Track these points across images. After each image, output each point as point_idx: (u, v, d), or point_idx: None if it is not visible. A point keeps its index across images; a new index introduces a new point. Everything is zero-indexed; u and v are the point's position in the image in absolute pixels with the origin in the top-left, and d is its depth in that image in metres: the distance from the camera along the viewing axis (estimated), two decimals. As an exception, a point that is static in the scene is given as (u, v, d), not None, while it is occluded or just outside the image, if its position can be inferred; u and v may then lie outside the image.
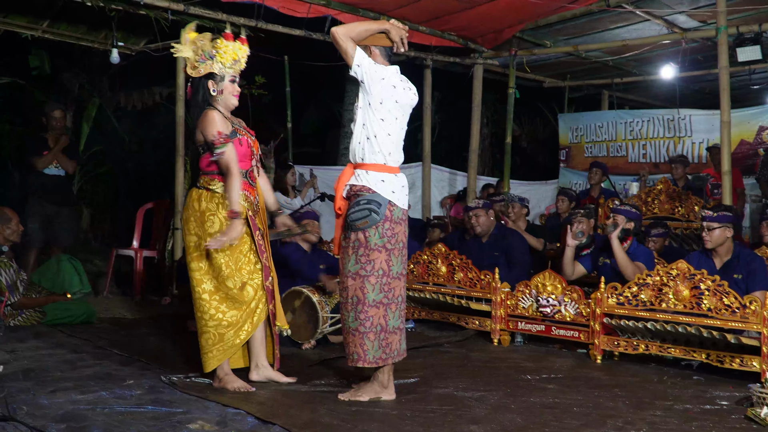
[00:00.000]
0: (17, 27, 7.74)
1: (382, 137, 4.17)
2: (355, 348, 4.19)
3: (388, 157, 4.20)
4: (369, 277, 4.14)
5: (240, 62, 4.47)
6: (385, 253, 4.16)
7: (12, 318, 6.06)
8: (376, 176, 4.16)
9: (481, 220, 6.84)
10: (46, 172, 7.40)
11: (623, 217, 5.94)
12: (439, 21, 8.17)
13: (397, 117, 4.23)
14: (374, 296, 4.15)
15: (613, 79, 11.03)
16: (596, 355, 5.42)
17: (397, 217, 4.19)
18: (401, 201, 4.22)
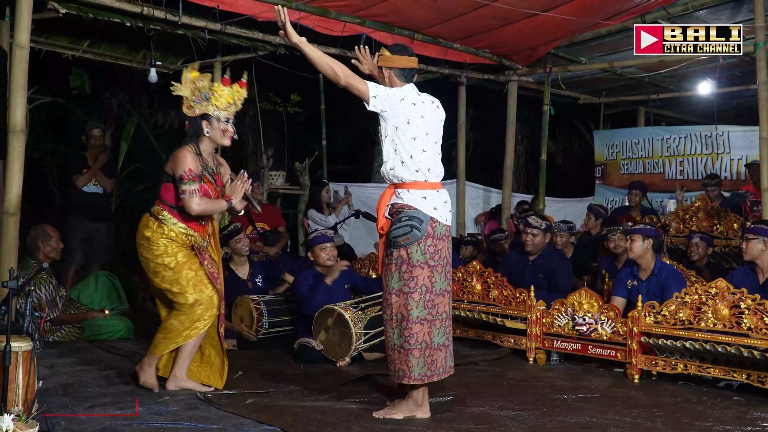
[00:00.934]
0: (59, 47, 7.90)
1: (417, 155, 4.18)
2: (401, 365, 4.19)
3: (428, 173, 4.21)
4: (412, 294, 4.15)
5: (236, 105, 4.66)
6: (427, 270, 4.16)
7: (51, 334, 6.15)
8: (417, 193, 4.18)
9: (537, 240, 6.71)
10: (85, 190, 7.52)
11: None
12: (473, 39, 8.18)
13: (428, 132, 4.24)
14: (418, 313, 4.15)
15: (649, 95, 10.93)
16: (634, 375, 5.35)
17: (439, 233, 4.19)
18: (444, 217, 4.23)
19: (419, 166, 4.18)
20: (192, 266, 4.62)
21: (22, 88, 5.61)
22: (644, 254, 5.92)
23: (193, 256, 4.66)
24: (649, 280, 5.92)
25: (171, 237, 4.59)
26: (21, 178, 5.63)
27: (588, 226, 8.47)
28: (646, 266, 5.95)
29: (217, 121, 4.61)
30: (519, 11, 7.05)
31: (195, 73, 4.64)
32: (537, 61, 9.03)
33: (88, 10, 6.22)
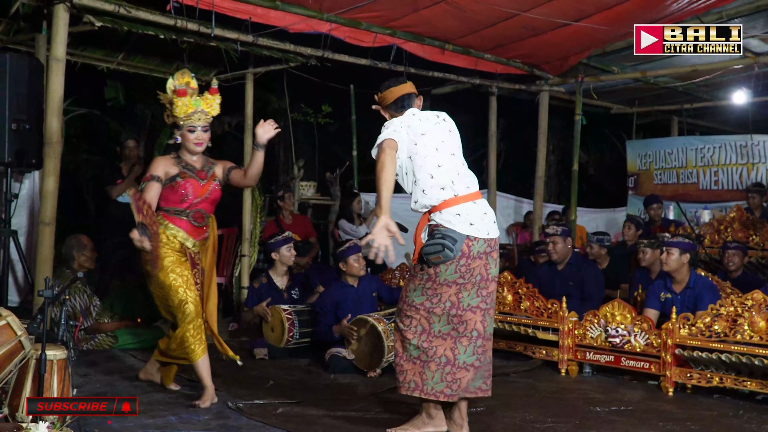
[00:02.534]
0: (94, 60, 8.02)
1: (436, 173, 4.00)
2: (414, 376, 4.02)
3: (454, 186, 4.00)
4: (434, 309, 3.99)
5: (199, 114, 4.68)
6: (455, 288, 3.96)
7: (85, 342, 6.21)
8: (449, 212, 3.96)
9: (558, 247, 6.72)
10: (119, 201, 7.60)
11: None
12: (504, 49, 8.17)
13: (437, 147, 4.05)
14: (440, 327, 3.99)
15: (682, 104, 10.83)
16: (668, 388, 5.28)
17: (476, 252, 3.95)
18: (484, 231, 3.98)
19: (442, 183, 3.99)
20: (177, 270, 4.62)
21: (58, 100, 5.71)
22: (680, 268, 5.85)
23: (183, 262, 4.67)
24: (683, 293, 5.85)
25: (163, 241, 4.61)
26: (56, 189, 5.73)
27: (627, 237, 8.38)
28: (680, 279, 5.88)
29: (180, 128, 4.70)
30: (550, 21, 7.03)
31: (184, 80, 4.77)
32: (568, 70, 8.99)
33: (123, 23, 6.31)
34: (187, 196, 4.66)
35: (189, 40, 6.75)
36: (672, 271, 5.86)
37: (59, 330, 4.09)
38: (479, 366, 4.05)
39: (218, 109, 4.77)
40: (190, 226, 4.71)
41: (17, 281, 6.91)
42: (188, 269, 4.68)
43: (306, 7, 6.65)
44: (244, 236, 8.16)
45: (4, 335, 3.67)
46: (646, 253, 6.77)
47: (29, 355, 3.77)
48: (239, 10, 6.44)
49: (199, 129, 4.68)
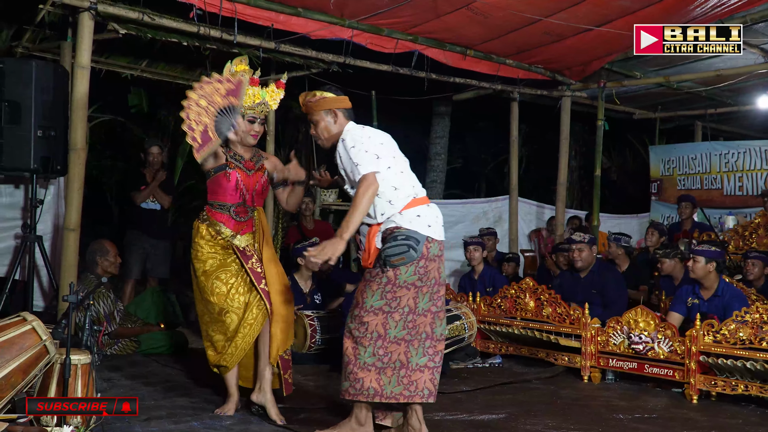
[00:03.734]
0: (118, 67, 8.11)
1: (398, 181, 4.04)
2: (371, 383, 3.95)
3: (413, 189, 4.07)
4: (393, 314, 3.95)
5: (264, 105, 4.57)
6: (413, 290, 3.96)
7: (109, 347, 6.26)
8: (411, 213, 3.99)
9: (584, 254, 6.66)
10: (143, 207, 7.66)
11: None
12: (526, 54, 8.15)
13: (394, 155, 4.12)
14: (396, 332, 3.96)
15: (706, 109, 10.75)
16: (692, 395, 5.23)
17: (432, 254, 3.99)
18: (438, 233, 4.04)
19: (404, 189, 4.03)
20: (222, 276, 4.47)
21: (82, 107, 5.77)
22: (706, 275, 5.80)
23: (230, 263, 4.51)
24: (711, 300, 5.79)
25: (206, 238, 4.51)
26: (81, 195, 5.79)
27: (650, 243, 8.32)
28: (709, 286, 5.82)
29: (242, 117, 4.54)
30: (572, 26, 7.01)
31: (241, 66, 4.62)
32: (591, 76, 8.95)
33: (147, 31, 6.37)
34: (234, 187, 4.51)
35: (212, 46, 6.81)
36: (698, 278, 5.82)
37: (83, 335, 4.13)
38: (434, 366, 4.02)
39: (277, 104, 4.68)
40: (233, 221, 4.52)
41: (42, 286, 6.97)
42: (234, 271, 4.49)
43: (328, 14, 6.68)
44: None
45: (30, 340, 3.71)
46: (663, 262, 6.74)
47: (54, 359, 3.81)
48: (261, 17, 6.49)
49: (258, 121, 4.57)
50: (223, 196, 4.52)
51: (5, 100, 5.93)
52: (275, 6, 6.44)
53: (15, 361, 3.61)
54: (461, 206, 10.56)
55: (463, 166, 14.67)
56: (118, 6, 5.95)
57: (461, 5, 6.58)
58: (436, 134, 11.76)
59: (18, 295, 6.47)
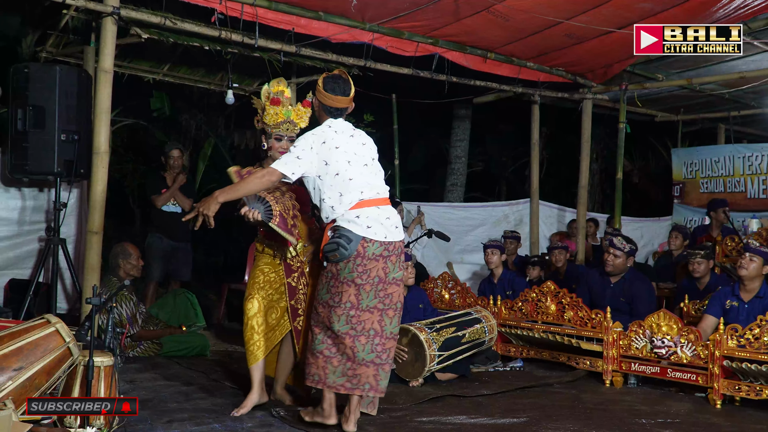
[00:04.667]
0: (140, 71, 8.17)
1: (344, 187, 4.22)
2: (317, 370, 4.26)
3: (362, 194, 4.23)
4: (336, 309, 4.20)
5: (287, 124, 4.72)
6: (354, 288, 4.18)
7: (131, 349, 6.30)
8: (351, 214, 4.20)
9: (618, 261, 6.48)
10: (164, 210, 7.70)
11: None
12: (547, 57, 8.12)
13: (349, 160, 4.26)
14: (339, 327, 4.19)
15: (729, 112, 10.65)
16: (716, 400, 5.18)
17: (372, 254, 4.18)
18: (380, 234, 4.20)
19: (351, 194, 4.21)
20: (265, 269, 4.74)
21: (106, 111, 5.81)
22: (757, 276, 5.68)
23: (277, 265, 4.74)
24: (752, 302, 5.65)
25: (258, 249, 4.81)
26: (104, 198, 5.83)
27: (674, 246, 8.25)
28: (752, 288, 5.70)
29: (269, 137, 4.74)
30: (594, 29, 6.97)
31: (278, 87, 4.77)
32: (612, 78, 8.90)
33: (169, 35, 6.41)
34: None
35: (233, 50, 6.84)
36: (748, 278, 5.69)
37: (106, 337, 4.16)
38: (380, 363, 4.24)
39: (307, 122, 4.80)
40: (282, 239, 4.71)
41: (66, 289, 7.03)
42: (277, 274, 4.74)
43: (349, 18, 6.69)
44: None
45: (54, 342, 3.74)
46: (700, 264, 6.63)
47: (77, 361, 3.85)
48: (283, 21, 6.51)
49: (285, 139, 4.72)
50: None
51: (30, 105, 6.00)
52: (296, 10, 6.46)
53: (39, 362, 3.65)
54: (482, 209, 10.55)
55: (484, 169, 14.64)
56: (141, 11, 5.99)
57: (482, 8, 6.57)
58: (457, 137, 11.74)
59: (42, 298, 6.52)
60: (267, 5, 6.29)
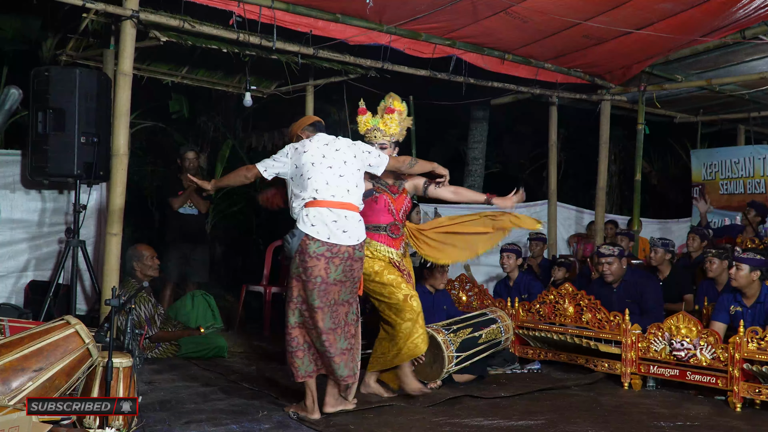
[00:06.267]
0: (159, 74, 8.22)
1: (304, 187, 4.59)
2: (290, 366, 4.61)
3: (317, 193, 4.54)
4: (289, 303, 4.55)
5: (375, 132, 5.12)
6: (299, 283, 4.51)
7: (150, 350, 6.34)
8: (303, 212, 4.54)
9: (614, 267, 6.50)
10: (181, 212, 7.74)
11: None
12: (565, 58, 8.10)
13: (313, 162, 4.60)
14: (295, 319, 4.55)
15: (749, 113, 10.56)
16: (735, 403, 5.14)
17: (314, 252, 4.44)
18: (323, 234, 4.45)
19: (304, 194, 4.57)
20: (393, 271, 5.05)
21: (125, 113, 5.85)
22: (750, 284, 5.68)
23: (393, 268, 5.08)
24: (754, 307, 5.67)
25: (369, 254, 5.04)
26: (123, 200, 5.87)
27: (691, 248, 8.19)
28: (752, 294, 5.70)
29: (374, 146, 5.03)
30: (612, 30, 6.94)
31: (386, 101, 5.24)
32: (631, 79, 8.85)
33: (188, 38, 6.45)
34: (387, 210, 5.11)
35: (251, 53, 6.86)
36: (741, 287, 5.71)
37: (125, 338, 4.19)
38: (332, 355, 4.53)
39: (396, 128, 5.13)
40: (389, 238, 5.13)
41: (85, 290, 7.09)
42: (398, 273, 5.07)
43: (366, 20, 6.70)
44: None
45: (73, 343, 3.77)
46: (713, 263, 6.61)
47: (96, 362, 3.87)
48: (300, 24, 6.53)
49: (375, 145, 5.05)
50: (376, 218, 5.09)
51: (50, 108, 6.06)
52: (314, 12, 6.48)
53: (59, 363, 3.68)
54: (499, 211, 10.51)
55: (502, 170, 14.59)
56: (160, 14, 6.03)
57: (500, 9, 6.56)
58: (474, 139, 11.73)
59: (61, 299, 6.58)
60: (285, 8, 6.31)
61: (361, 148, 4.78)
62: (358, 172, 4.71)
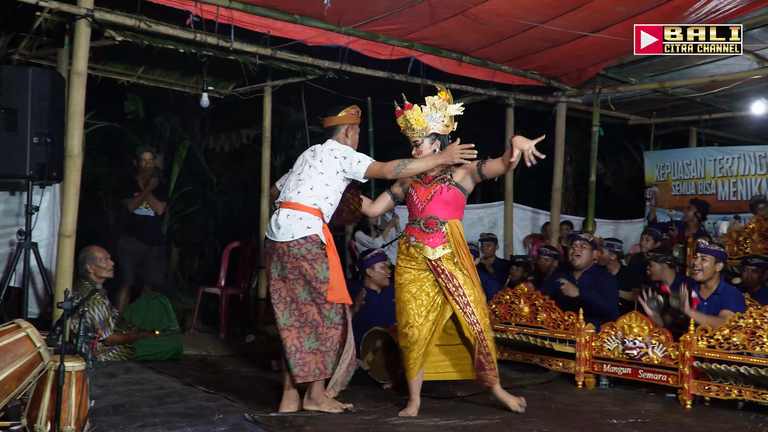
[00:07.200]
0: (115, 74, 8.11)
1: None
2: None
3: (283, 195, 4.87)
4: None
5: (407, 131, 5.06)
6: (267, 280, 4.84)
7: (104, 353, 6.26)
8: None
9: (585, 252, 6.69)
10: (136, 213, 7.66)
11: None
12: (522, 60, 8.18)
13: (292, 170, 5.00)
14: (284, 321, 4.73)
15: (701, 115, 10.77)
16: (686, 400, 5.24)
17: (266, 250, 4.84)
18: (269, 232, 4.80)
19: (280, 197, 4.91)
20: (412, 289, 4.86)
21: (79, 113, 5.77)
22: (713, 275, 5.85)
23: (422, 278, 4.86)
24: (711, 299, 5.83)
25: (403, 251, 4.97)
26: (77, 201, 5.78)
27: (645, 248, 8.33)
28: (710, 286, 5.88)
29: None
30: (568, 33, 7.03)
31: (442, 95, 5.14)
32: (586, 82, 8.97)
33: (144, 38, 6.38)
34: (415, 203, 4.94)
35: (208, 53, 6.82)
36: (707, 278, 5.85)
37: (78, 341, 4.14)
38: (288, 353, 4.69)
39: (422, 121, 4.99)
40: (422, 233, 4.86)
41: (37, 293, 6.96)
42: (427, 288, 4.85)
43: (324, 21, 6.70)
44: (262, 248, 8.20)
45: (24, 347, 3.72)
46: (652, 265, 6.74)
47: (48, 366, 3.82)
48: (258, 24, 6.50)
49: (413, 144, 5.01)
50: (412, 213, 4.97)
51: (2, 107, 5.94)
52: (272, 13, 6.45)
53: (9, 368, 3.62)
54: (457, 212, 10.57)
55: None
56: (115, 13, 5.96)
57: (458, 11, 6.60)
58: (432, 141, 11.76)
59: (13, 302, 6.47)
60: (243, 8, 6.28)
61: (335, 153, 4.87)
62: (321, 175, 4.81)
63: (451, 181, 4.91)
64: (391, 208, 5.34)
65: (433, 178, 4.95)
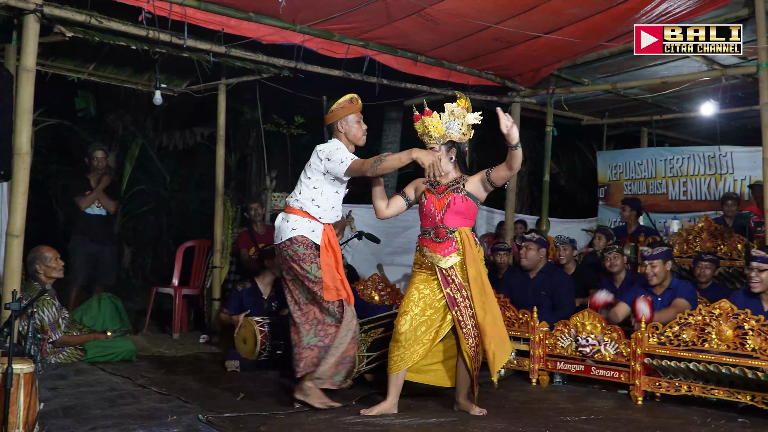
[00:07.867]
0: (64, 70, 7.95)
1: None
2: None
3: None
4: None
5: (425, 137, 5.00)
6: None
7: (53, 355, 6.14)
8: None
9: (530, 254, 6.73)
10: (88, 212, 7.54)
11: None
12: (476, 60, 8.22)
13: None
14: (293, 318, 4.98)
15: (652, 116, 10.94)
16: (637, 396, 5.33)
17: None
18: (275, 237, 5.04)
19: None
20: (420, 287, 4.90)
21: (27, 110, 5.65)
22: (666, 275, 5.97)
23: (432, 281, 4.87)
24: (664, 294, 5.95)
25: (418, 260, 4.98)
26: (25, 200, 5.66)
27: (597, 247, 8.44)
28: (664, 285, 5.99)
29: None
30: (522, 33, 7.09)
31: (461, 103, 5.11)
32: (540, 82, 9.05)
33: (95, 34, 6.27)
34: (427, 213, 4.93)
35: (161, 50, 6.73)
36: (661, 281, 5.95)
37: (26, 343, 4.06)
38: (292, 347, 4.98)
39: (440, 129, 4.95)
40: (433, 242, 4.86)
41: (-16, 294, 6.81)
42: (434, 290, 4.86)
43: (279, 19, 6.65)
44: (216, 247, 8.14)
45: (-30, 349, 3.63)
46: (616, 258, 6.83)
47: (-4, 368, 3.73)
48: (212, 22, 6.43)
49: (434, 148, 4.95)
50: (423, 222, 4.98)
51: (-53, 104, 5.80)
52: (226, 10, 6.39)
53: (-45, 370, 3.53)
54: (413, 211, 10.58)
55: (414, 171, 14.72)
56: (65, 8, 5.84)
57: (413, 11, 6.61)
58: (388, 139, 11.77)
59: (-41, 303, 6.30)
60: (196, 5, 6.20)
61: (320, 154, 5.00)
62: (308, 179, 5.03)
63: (463, 191, 4.92)
64: (403, 211, 5.25)
65: (446, 187, 4.94)
